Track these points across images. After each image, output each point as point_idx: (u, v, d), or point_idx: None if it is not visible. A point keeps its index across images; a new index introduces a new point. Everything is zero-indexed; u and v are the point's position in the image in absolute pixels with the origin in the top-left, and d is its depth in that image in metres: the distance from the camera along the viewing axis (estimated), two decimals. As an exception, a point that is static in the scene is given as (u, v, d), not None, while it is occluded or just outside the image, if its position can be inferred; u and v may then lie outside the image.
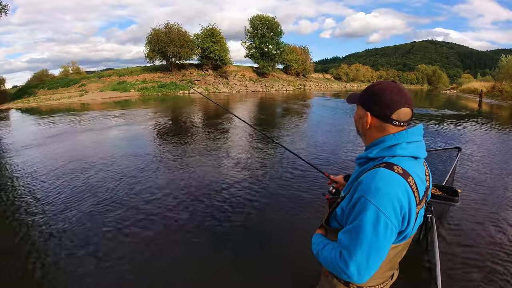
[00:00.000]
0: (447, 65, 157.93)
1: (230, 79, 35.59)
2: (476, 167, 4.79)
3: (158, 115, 12.42)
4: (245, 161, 5.22)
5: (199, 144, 6.65)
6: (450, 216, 3.06)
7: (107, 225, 2.96)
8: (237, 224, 3.00)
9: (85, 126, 9.83)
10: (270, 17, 39.12)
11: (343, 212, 0.89)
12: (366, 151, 0.91)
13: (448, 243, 2.58)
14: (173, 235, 2.79)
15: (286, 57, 41.70)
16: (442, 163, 4.80)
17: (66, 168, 4.92)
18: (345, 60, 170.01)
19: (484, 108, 16.73)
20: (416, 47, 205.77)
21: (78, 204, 3.47)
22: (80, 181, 4.24)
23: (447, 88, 52.73)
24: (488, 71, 71.26)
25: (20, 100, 24.94)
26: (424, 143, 0.91)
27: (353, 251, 0.78)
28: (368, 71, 64.06)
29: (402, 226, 0.81)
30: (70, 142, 7.17)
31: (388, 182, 0.78)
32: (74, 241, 2.67)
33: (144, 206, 3.41)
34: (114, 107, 16.93)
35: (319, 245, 0.93)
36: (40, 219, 3.11)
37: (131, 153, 5.85)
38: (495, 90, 24.45)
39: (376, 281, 0.94)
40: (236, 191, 3.85)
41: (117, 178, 4.37)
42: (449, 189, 2.62)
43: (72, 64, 41.79)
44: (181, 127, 9.26)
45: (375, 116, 0.87)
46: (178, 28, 33.12)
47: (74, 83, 30.91)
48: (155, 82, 31.29)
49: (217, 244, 2.65)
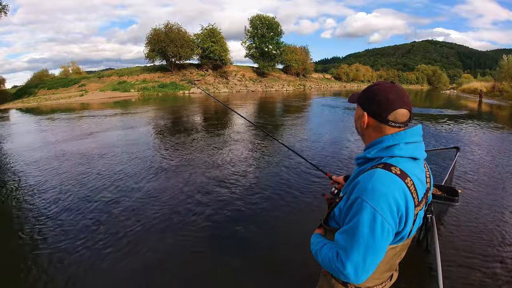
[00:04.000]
0: (447, 65, 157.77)
1: (230, 79, 35.60)
2: (476, 167, 4.79)
3: (160, 115, 12.42)
4: (246, 160, 5.22)
5: (203, 142, 6.65)
6: (450, 216, 3.06)
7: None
8: (236, 224, 2.99)
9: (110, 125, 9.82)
10: (270, 17, 39.17)
11: (341, 212, 0.89)
12: (364, 151, 0.91)
13: (448, 243, 2.58)
14: (173, 234, 2.79)
15: (286, 57, 41.72)
16: (441, 163, 4.79)
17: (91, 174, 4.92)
18: (345, 60, 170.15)
19: (484, 108, 16.73)
20: (416, 47, 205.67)
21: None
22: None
23: (447, 88, 52.77)
24: (488, 71, 71.33)
25: (20, 100, 24.95)
26: (423, 144, 0.90)
27: (350, 252, 0.77)
28: (368, 71, 64.01)
29: (399, 227, 0.81)
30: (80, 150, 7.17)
31: (385, 183, 0.77)
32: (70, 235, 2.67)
33: (135, 209, 3.41)
34: (115, 106, 16.93)
35: (318, 245, 0.93)
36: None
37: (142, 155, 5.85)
38: (495, 90, 24.45)
39: (375, 281, 0.94)
40: (236, 191, 3.85)
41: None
42: (449, 189, 2.62)
43: (72, 64, 41.83)
44: (182, 127, 9.26)
45: (372, 116, 0.87)
46: (178, 28, 33.16)
47: (74, 83, 30.94)
48: (155, 82, 31.31)
49: (217, 244, 2.64)
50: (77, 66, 41.95)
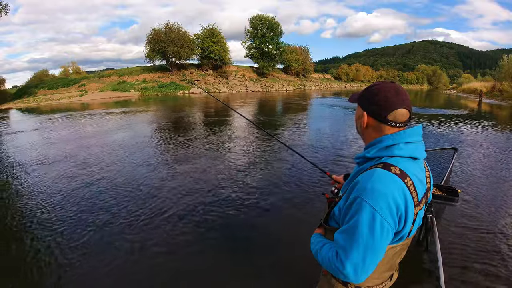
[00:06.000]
0: (447, 65, 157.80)
1: (230, 79, 35.61)
2: (476, 167, 4.78)
3: (160, 115, 12.41)
4: (246, 159, 5.21)
5: (203, 142, 6.65)
6: (450, 216, 3.06)
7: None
8: (236, 223, 2.99)
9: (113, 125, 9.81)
10: (270, 17, 39.21)
11: (340, 212, 0.89)
12: (364, 151, 0.91)
13: (448, 243, 2.57)
14: (171, 233, 2.79)
15: (286, 57, 41.75)
16: (439, 163, 4.79)
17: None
18: (345, 60, 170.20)
19: (484, 108, 16.72)
20: (416, 47, 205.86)
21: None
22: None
23: (447, 88, 52.78)
24: (488, 71, 71.34)
25: (20, 100, 24.96)
26: (423, 143, 0.90)
27: (349, 251, 0.77)
28: (368, 71, 64.03)
29: (399, 227, 0.81)
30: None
31: (384, 183, 0.77)
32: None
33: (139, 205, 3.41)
34: (115, 106, 16.93)
35: (318, 245, 0.93)
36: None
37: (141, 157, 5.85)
38: (495, 90, 24.44)
39: (375, 281, 0.94)
40: (236, 191, 3.84)
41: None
42: (449, 189, 2.61)
43: (72, 64, 41.89)
44: (183, 127, 9.26)
45: (372, 116, 0.88)
46: (178, 28, 33.19)
47: (74, 83, 30.97)
48: (155, 82, 31.34)
49: (217, 244, 2.64)
50: (77, 66, 42.09)
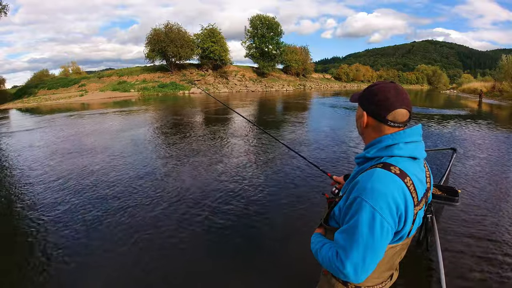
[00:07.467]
0: (447, 65, 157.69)
1: (230, 79, 35.62)
2: (476, 167, 4.78)
3: (160, 115, 12.41)
4: (246, 160, 5.21)
5: (203, 142, 6.65)
6: (450, 216, 3.06)
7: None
8: (236, 223, 3.00)
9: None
10: (270, 17, 39.21)
11: (340, 212, 0.89)
12: (364, 151, 0.91)
13: (448, 243, 2.57)
14: (171, 232, 2.79)
15: (286, 57, 41.75)
16: (438, 163, 4.79)
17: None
18: (345, 60, 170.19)
19: (484, 108, 16.72)
20: (416, 47, 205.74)
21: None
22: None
23: (447, 88, 52.80)
24: (488, 71, 71.34)
25: (20, 100, 24.98)
26: (423, 143, 0.90)
27: (349, 251, 0.78)
28: (368, 71, 64.06)
29: (399, 227, 0.81)
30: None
31: (384, 182, 0.77)
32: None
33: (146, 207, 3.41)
34: (115, 106, 16.93)
35: (318, 245, 0.93)
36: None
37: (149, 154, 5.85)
38: (495, 90, 24.44)
39: (375, 281, 0.94)
40: (237, 190, 3.84)
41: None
42: (449, 189, 2.61)
43: (72, 64, 41.92)
44: (182, 127, 9.26)
45: (372, 116, 0.88)
46: (178, 28, 33.20)
47: (74, 83, 30.98)
48: (155, 82, 31.34)
49: (217, 244, 2.65)
50: (77, 66, 42.15)
